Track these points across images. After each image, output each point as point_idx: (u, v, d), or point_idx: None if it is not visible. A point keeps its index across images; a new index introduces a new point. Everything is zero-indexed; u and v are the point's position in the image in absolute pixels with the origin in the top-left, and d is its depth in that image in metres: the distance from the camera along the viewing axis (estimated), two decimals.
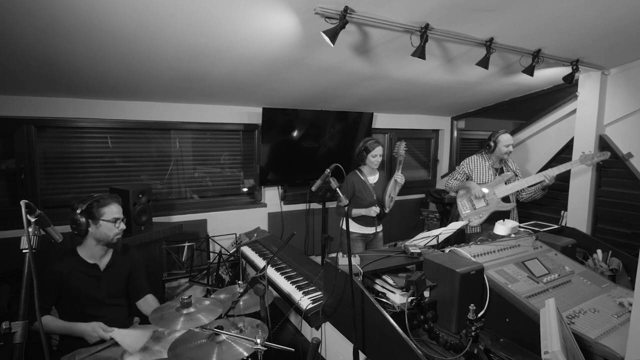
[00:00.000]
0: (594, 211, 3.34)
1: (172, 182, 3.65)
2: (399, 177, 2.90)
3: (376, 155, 2.90)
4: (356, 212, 2.91)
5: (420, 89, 3.60)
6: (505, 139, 2.96)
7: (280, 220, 4.05)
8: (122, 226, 1.95)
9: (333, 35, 1.87)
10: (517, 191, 3.02)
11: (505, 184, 2.96)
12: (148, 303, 2.07)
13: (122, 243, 2.05)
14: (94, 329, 1.75)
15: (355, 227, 2.96)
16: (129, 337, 1.75)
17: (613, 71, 3.16)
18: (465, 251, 1.78)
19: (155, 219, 3.04)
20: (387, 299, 1.67)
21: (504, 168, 3.06)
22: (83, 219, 1.82)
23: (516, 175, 3.02)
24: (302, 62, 2.66)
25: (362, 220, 2.95)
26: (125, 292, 2.07)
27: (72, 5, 1.74)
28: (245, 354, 1.45)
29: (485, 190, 2.97)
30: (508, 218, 2.95)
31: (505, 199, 2.97)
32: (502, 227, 2.20)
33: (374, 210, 2.86)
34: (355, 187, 2.92)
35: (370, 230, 2.98)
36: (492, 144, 2.99)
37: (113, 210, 1.90)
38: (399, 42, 2.32)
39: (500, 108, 4.45)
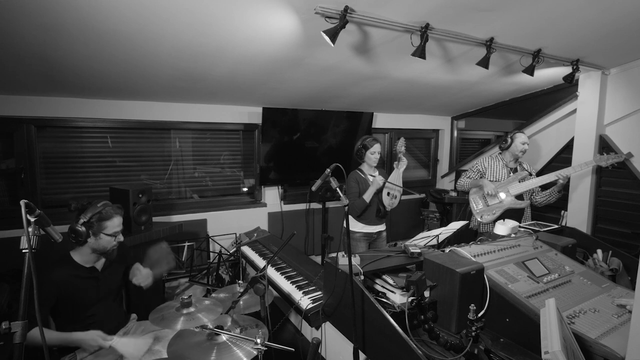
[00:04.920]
0: (594, 211, 3.33)
1: (172, 182, 3.65)
2: (397, 163, 2.87)
3: (375, 152, 2.90)
4: (367, 195, 2.84)
5: (420, 88, 3.60)
6: (522, 137, 3.00)
7: (280, 220, 4.05)
8: (120, 238, 1.90)
9: (333, 35, 1.87)
10: (532, 194, 3.03)
11: (519, 182, 2.97)
12: (135, 269, 2.07)
13: (116, 253, 1.97)
14: (93, 338, 1.70)
15: (358, 227, 2.95)
16: (130, 346, 1.72)
17: (613, 71, 3.16)
18: (465, 251, 1.78)
19: (155, 219, 3.04)
20: (387, 298, 1.67)
21: (518, 168, 3.07)
22: (83, 230, 1.76)
23: (530, 175, 3.03)
24: (302, 62, 2.65)
25: (365, 219, 2.94)
26: (123, 287, 2.07)
27: (72, 5, 1.73)
28: (245, 359, 1.45)
29: (498, 188, 2.97)
30: (522, 216, 2.97)
31: (519, 197, 2.97)
32: (502, 227, 2.20)
33: (379, 179, 2.82)
34: (360, 184, 2.92)
35: (373, 229, 2.98)
36: (508, 139, 3.02)
37: (115, 224, 1.85)
38: (399, 42, 2.32)
39: (500, 108, 4.45)
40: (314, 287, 2.23)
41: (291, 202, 4.13)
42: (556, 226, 2.52)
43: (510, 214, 2.90)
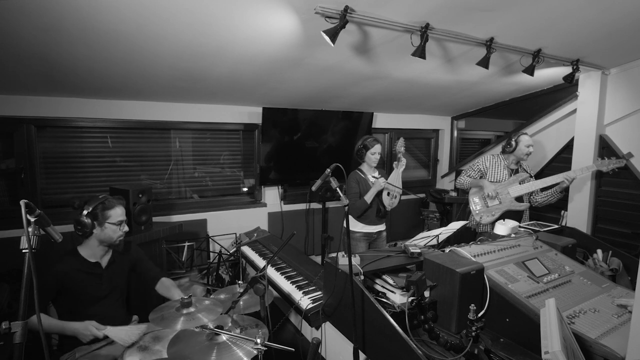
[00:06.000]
0: (594, 211, 3.33)
1: (172, 182, 3.65)
2: (397, 164, 2.86)
3: (375, 153, 2.90)
4: (368, 196, 2.83)
5: (420, 88, 3.60)
6: (526, 139, 2.97)
7: (280, 220, 4.05)
8: (126, 228, 1.95)
9: (333, 34, 1.87)
10: (531, 195, 3.03)
11: (520, 184, 2.96)
12: (164, 285, 2.12)
13: (123, 244, 2.05)
14: (87, 327, 1.73)
15: (358, 227, 2.95)
16: (122, 332, 1.75)
17: (613, 71, 3.16)
18: (466, 251, 1.78)
19: (155, 219, 3.04)
20: (387, 298, 1.67)
21: (519, 170, 3.07)
22: (88, 221, 1.82)
23: (531, 177, 3.02)
24: (302, 62, 2.65)
25: (366, 219, 2.94)
26: (126, 288, 2.09)
27: (72, 5, 1.74)
28: (246, 359, 1.45)
29: (498, 190, 2.97)
30: (521, 218, 2.96)
31: (519, 199, 2.97)
32: (502, 227, 2.20)
33: (381, 181, 2.81)
34: (360, 184, 2.92)
35: (373, 229, 2.98)
36: (513, 142, 2.99)
37: (118, 213, 1.90)
38: (399, 42, 2.32)
39: (500, 108, 4.45)
40: (314, 287, 2.23)
41: (291, 202, 4.12)
42: (556, 226, 2.52)
43: (509, 215, 2.89)
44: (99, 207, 1.85)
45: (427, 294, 1.64)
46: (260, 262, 2.88)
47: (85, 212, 1.82)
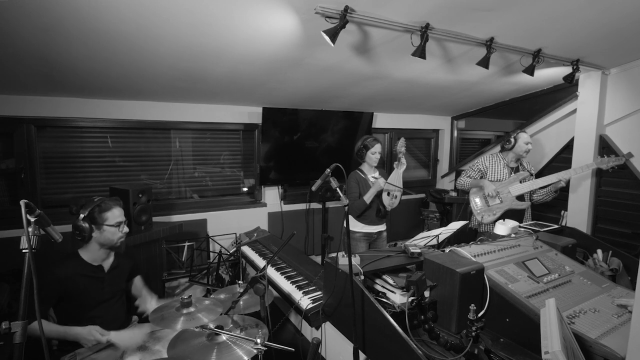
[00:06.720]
0: (594, 211, 3.33)
1: (172, 182, 3.65)
2: (398, 164, 2.86)
3: (375, 152, 2.90)
4: (367, 196, 2.84)
5: (420, 88, 3.60)
6: (525, 136, 2.99)
7: (280, 220, 4.05)
8: (126, 229, 1.93)
9: (333, 34, 1.87)
10: (531, 193, 3.03)
11: (520, 182, 2.96)
12: (134, 284, 2.12)
13: (125, 245, 2.03)
14: (90, 332, 1.71)
15: (358, 227, 2.95)
16: (126, 337, 1.74)
17: (613, 71, 3.16)
18: (466, 251, 1.78)
19: (155, 219, 3.05)
20: (388, 298, 1.67)
21: (519, 167, 3.07)
22: (86, 225, 1.79)
23: (531, 175, 3.03)
24: (302, 62, 2.65)
25: (366, 219, 2.94)
26: (126, 290, 2.08)
27: (72, 5, 1.73)
28: (246, 358, 1.45)
29: (498, 189, 2.97)
30: (523, 216, 2.97)
31: (520, 198, 2.97)
32: (502, 227, 2.20)
33: (381, 181, 2.81)
34: (360, 185, 2.92)
35: (373, 229, 2.98)
36: (512, 139, 3.01)
37: (115, 214, 1.88)
38: (399, 42, 2.32)
39: (500, 108, 4.45)
40: (314, 287, 2.23)
41: (291, 202, 4.13)
42: (556, 226, 2.51)
43: (511, 214, 2.90)
44: (95, 210, 1.82)
45: (427, 294, 1.64)
46: (260, 262, 2.88)
47: (82, 216, 1.79)
